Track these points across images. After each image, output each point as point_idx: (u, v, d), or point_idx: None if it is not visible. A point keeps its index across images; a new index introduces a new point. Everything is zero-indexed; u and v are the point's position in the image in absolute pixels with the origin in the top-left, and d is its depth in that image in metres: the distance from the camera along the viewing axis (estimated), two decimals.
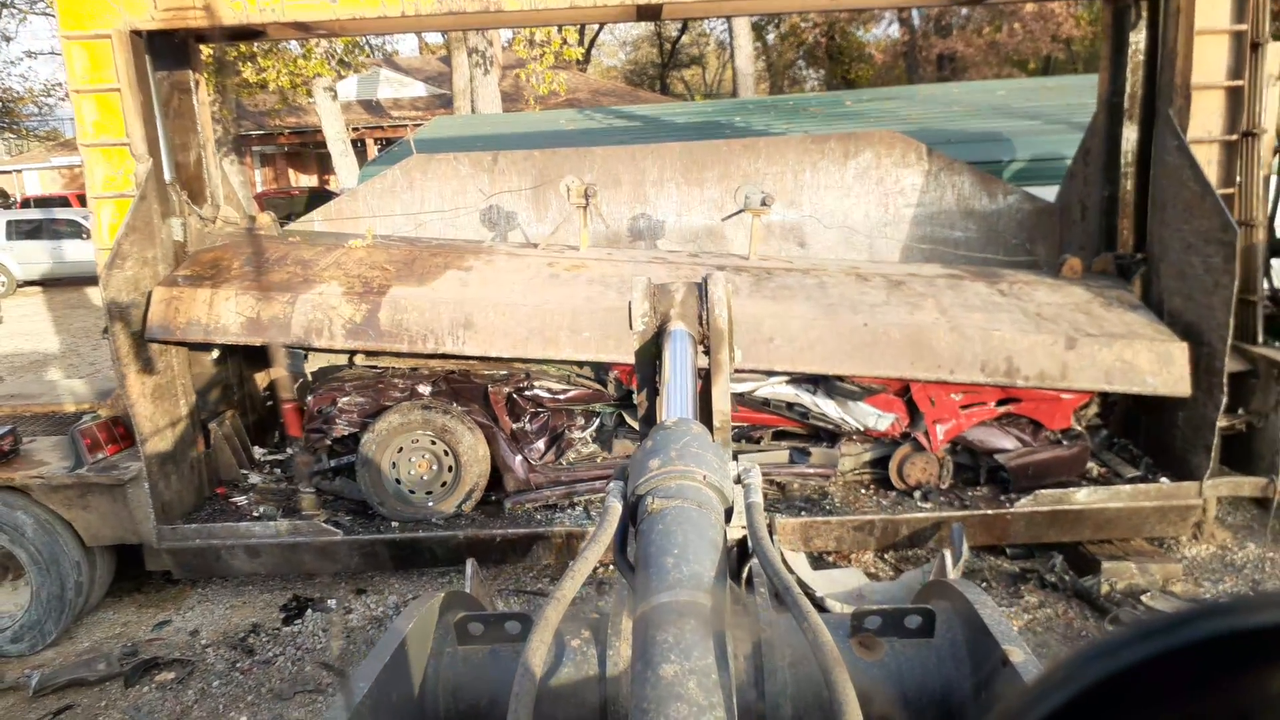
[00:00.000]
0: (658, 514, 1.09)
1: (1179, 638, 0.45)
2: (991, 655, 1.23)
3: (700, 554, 1.00)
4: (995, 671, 1.21)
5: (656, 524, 1.07)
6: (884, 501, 5.78)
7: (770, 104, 12.24)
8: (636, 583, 1.02)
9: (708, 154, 7.13)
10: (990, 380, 5.39)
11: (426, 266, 5.86)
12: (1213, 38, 5.60)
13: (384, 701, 1.19)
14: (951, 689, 1.27)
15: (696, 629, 0.88)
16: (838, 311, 5.49)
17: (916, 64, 24.85)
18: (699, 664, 0.83)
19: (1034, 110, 9.84)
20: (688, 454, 1.17)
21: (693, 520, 1.07)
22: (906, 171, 7.03)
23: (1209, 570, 5.65)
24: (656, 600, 0.92)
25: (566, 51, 14.59)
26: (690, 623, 0.88)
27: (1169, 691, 0.46)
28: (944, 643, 1.31)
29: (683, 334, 1.72)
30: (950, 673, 1.28)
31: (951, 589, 1.41)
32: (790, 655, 1.24)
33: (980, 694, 1.24)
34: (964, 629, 1.32)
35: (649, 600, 0.93)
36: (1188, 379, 5.34)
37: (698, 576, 0.96)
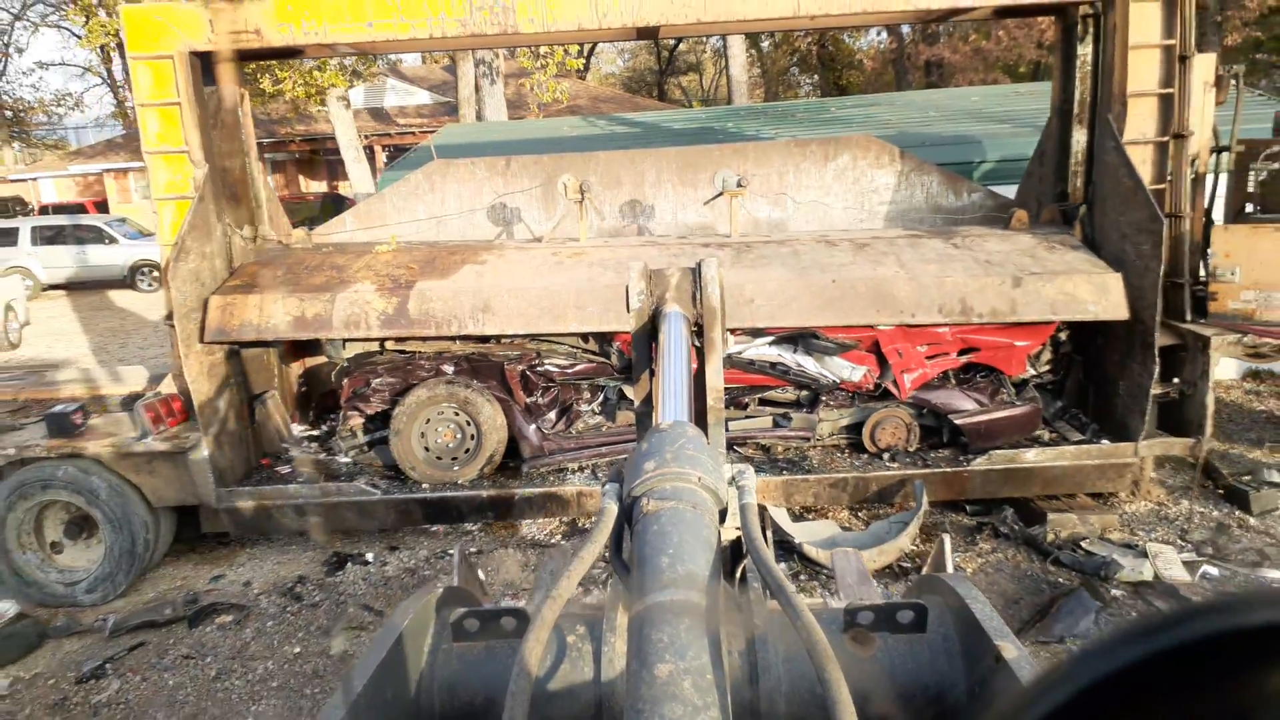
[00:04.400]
0: (653, 515, 1.11)
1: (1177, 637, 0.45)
2: (985, 651, 1.23)
3: (695, 554, 1.02)
4: (988, 668, 1.22)
5: (652, 525, 1.09)
6: (857, 462, 6.53)
7: (761, 110, 12.99)
8: (632, 583, 1.04)
9: (700, 158, 7.87)
10: (947, 319, 6.16)
11: (446, 263, 6.62)
12: (1146, 51, 6.35)
13: (379, 699, 1.21)
14: (945, 685, 1.28)
15: (691, 628, 0.90)
16: (809, 273, 6.26)
17: (905, 70, 25.64)
18: (694, 663, 0.85)
19: (1004, 115, 10.58)
20: (683, 456, 1.19)
21: (687, 521, 1.09)
22: (880, 172, 7.77)
23: (1144, 522, 6.38)
24: (652, 600, 0.94)
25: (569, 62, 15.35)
26: (685, 622, 0.90)
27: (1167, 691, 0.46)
28: (936, 638, 1.32)
29: (677, 315, 1.81)
30: (943, 668, 1.29)
31: (943, 584, 1.42)
32: (784, 651, 1.26)
33: (974, 691, 1.26)
34: (956, 624, 1.33)
35: (644, 600, 0.95)
36: (1124, 305, 6.10)
37: (692, 576, 0.98)
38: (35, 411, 7.38)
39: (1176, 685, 0.46)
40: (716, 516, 1.19)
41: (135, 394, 7.50)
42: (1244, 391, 9.00)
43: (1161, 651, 0.46)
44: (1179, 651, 0.46)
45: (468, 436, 6.57)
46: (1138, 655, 0.46)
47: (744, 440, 6.74)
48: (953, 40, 24.80)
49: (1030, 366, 6.78)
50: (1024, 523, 6.26)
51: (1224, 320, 6.32)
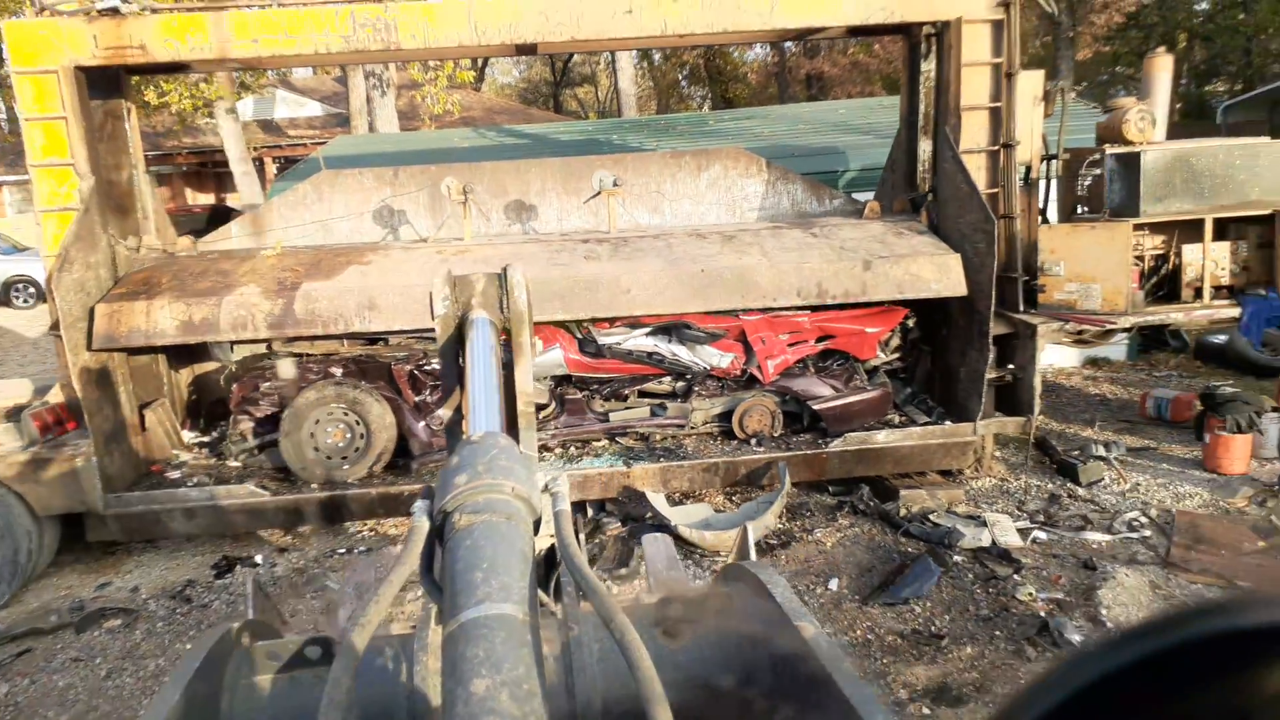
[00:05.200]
0: (465, 530, 1.10)
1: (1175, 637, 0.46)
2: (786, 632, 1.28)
3: (509, 566, 1.03)
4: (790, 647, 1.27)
5: (464, 540, 1.08)
6: (727, 448, 7.02)
7: (645, 123, 13.51)
8: (445, 600, 1.03)
9: (583, 168, 8.27)
10: (805, 302, 6.74)
11: (332, 265, 6.87)
12: (978, 69, 7.03)
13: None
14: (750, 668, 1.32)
15: (507, 641, 0.90)
16: (680, 263, 6.75)
17: (787, 84, 26.68)
18: (510, 675, 0.85)
19: (867, 126, 11.31)
20: (495, 467, 1.19)
21: (501, 533, 1.09)
22: (749, 181, 8.31)
23: (988, 496, 7.03)
24: (465, 616, 0.94)
25: (459, 75, 15.60)
26: (500, 635, 0.90)
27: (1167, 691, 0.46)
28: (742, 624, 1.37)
29: (484, 322, 1.79)
30: (748, 652, 1.33)
31: (746, 571, 1.47)
32: (598, 651, 1.27)
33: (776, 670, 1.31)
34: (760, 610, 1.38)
35: (457, 617, 0.95)
36: (963, 283, 6.78)
37: (507, 589, 0.98)
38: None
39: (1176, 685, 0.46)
40: (531, 527, 1.19)
41: (20, 406, 7.49)
42: (1083, 377, 9.87)
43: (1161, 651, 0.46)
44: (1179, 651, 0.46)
45: (357, 436, 6.81)
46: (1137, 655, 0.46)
47: (624, 430, 7.15)
48: (832, 54, 25.91)
49: (881, 352, 7.40)
50: (879, 499, 6.84)
51: (1051, 310, 7.03)
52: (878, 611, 5.49)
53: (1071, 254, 6.99)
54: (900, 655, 5.00)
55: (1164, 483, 6.95)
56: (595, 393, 7.18)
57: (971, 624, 5.28)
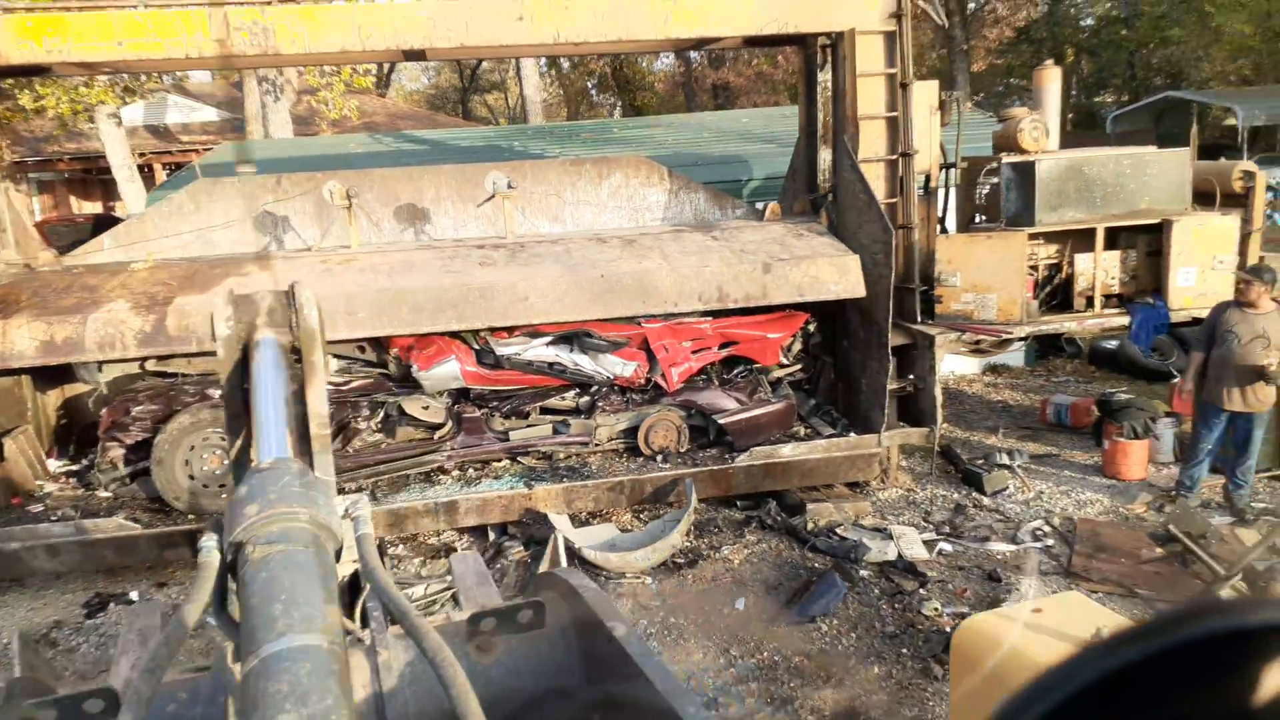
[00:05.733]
0: (260, 561, 1.06)
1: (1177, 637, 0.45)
2: (598, 634, 1.28)
3: (310, 596, 0.99)
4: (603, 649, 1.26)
5: (260, 572, 1.04)
6: (633, 465, 6.84)
7: (548, 130, 13.27)
8: (242, 636, 0.99)
9: (480, 175, 7.99)
10: (706, 306, 6.65)
11: (207, 277, 6.46)
12: (873, 79, 7.02)
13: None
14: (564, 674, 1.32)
15: (313, 673, 0.87)
16: (580, 269, 6.56)
17: (694, 93, 26.81)
18: (318, 708, 0.83)
19: (770, 135, 11.30)
20: (289, 494, 1.14)
21: (299, 562, 1.05)
22: (651, 190, 8.16)
23: (895, 507, 7.00)
24: (266, 650, 0.91)
25: (356, 80, 15.11)
26: (305, 667, 0.88)
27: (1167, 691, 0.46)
28: (554, 631, 1.36)
29: (271, 342, 1.72)
30: (561, 658, 1.34)
31: (557, 578, 1.47)
32: (410, 674, 1.25)
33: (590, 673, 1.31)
34: (571, 614, 1.38)
35: (257, 651, 0.91)
36: (862, 283, 6.77)
37: (309, 619, 0.95)
38: None
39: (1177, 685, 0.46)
40: (332, 554, 1.15)
41: None
42: (984, 384, 10.00)
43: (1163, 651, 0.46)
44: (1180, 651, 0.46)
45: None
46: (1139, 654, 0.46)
47: (525, 450, 6.91)
48: (738, 64, 26.11)
49: (784, 358, 7.33)
50: (787, 513, 6.74)
51: (948, 321, 7.05)
52: (784, 631, 5.37)
53: (968, 264, 7.02)
54: (808, 678, 4.88)
55: (1066, 490, 7.03)
56: (495, 410, 6.92)
57: (878, 641, 5.20)
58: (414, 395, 6.92)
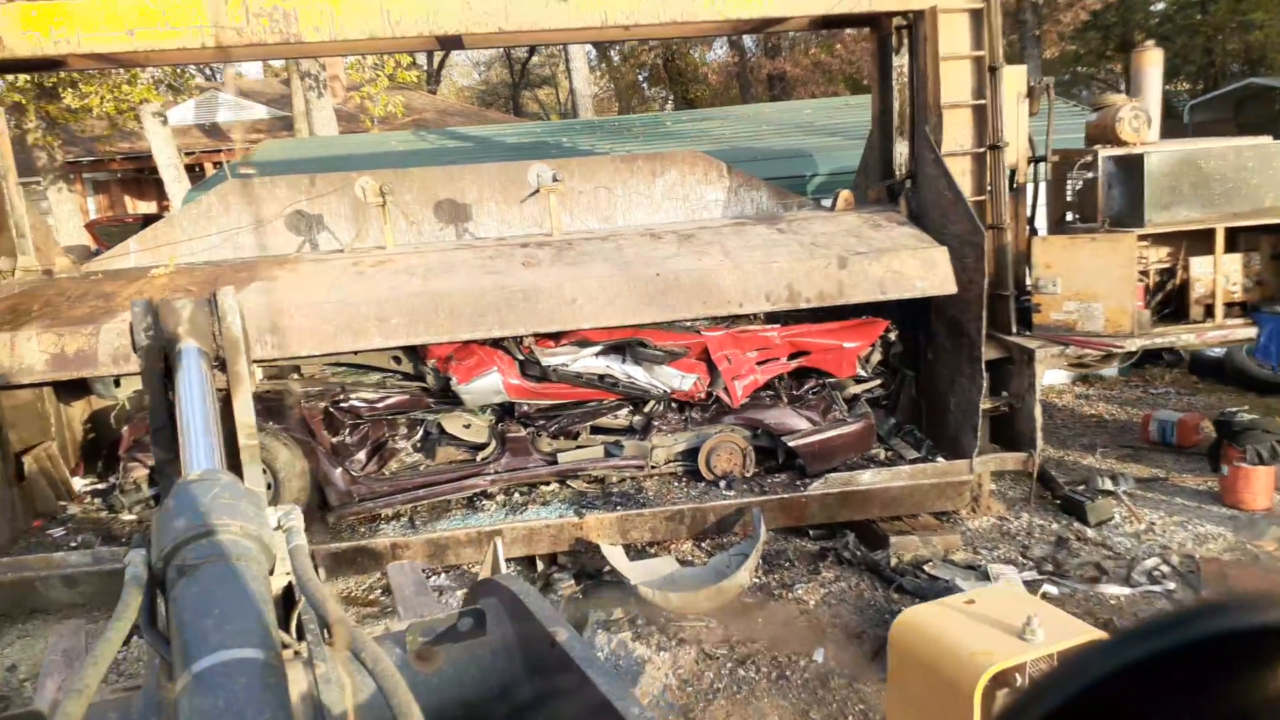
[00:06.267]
0: (191, 576, 1.04)
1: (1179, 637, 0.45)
2: (540, 640, 1.29)
3: (244, 610, 0.98)
4: (544, 654, 1.27)
5: (191, 587, 1.02)
6: (694, 491, 6.20)
7: (598, 125, 12.69)
8: (174, 653, 0.97)
9: (524, 173, 7.43)
10: (775, 306, 5.93)
11: (231, 282, 5.94)
12: (957, 63, 6.30)
13: None
14: (507, 681, 1.32)
15: (250, 686, 0.86)
16: (633, 267, 5.93)
17: (749, 84, 25.96)
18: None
19: (835, 127, 10.59)
20: (218, 507, 1.12)
21: (232, 576, 1.04)
22: (709, 187, 7.52)
23: (987, 539, 6.28)
24: (200, 665, 0.89)
25: (400, 74, 14.68)
26: (241, 681, 0.87)
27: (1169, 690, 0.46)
28: (496, 638, 1.36)
29: (193, 351, 1.69)
30: (503, 665, 1.34)
31: (498, 585, 1.47)
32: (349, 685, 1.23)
33: (534, 678, 1.31)
34: (513, 621, 1.38)
35: (190, 667, 0.89)
36: (951, 279, 5.99)
37: (244, 632, 0.94)
38: None
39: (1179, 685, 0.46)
40: (265, 566, 1.12)
41: None
42: (1074, 396, 9.19)
43: (1164, 651, 0.45)
44: (1181, 651, 0.45)
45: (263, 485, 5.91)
46: (1141, 654, 0.46)
47: (575, 473, 6.31)
48: (794, 54, 25.24)
49: (861, 370, 6.63)
50: (867, 546, 6.06)
51: (1048, 332, 6.30)
52: (873, 691, 4.72)
53: (1069, 269, 6.26)
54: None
55: (1181, 521, 6.24)
56: (541, 429, 6.33)
57: None
58: (454, 412, 6.37)
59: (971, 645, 3.03)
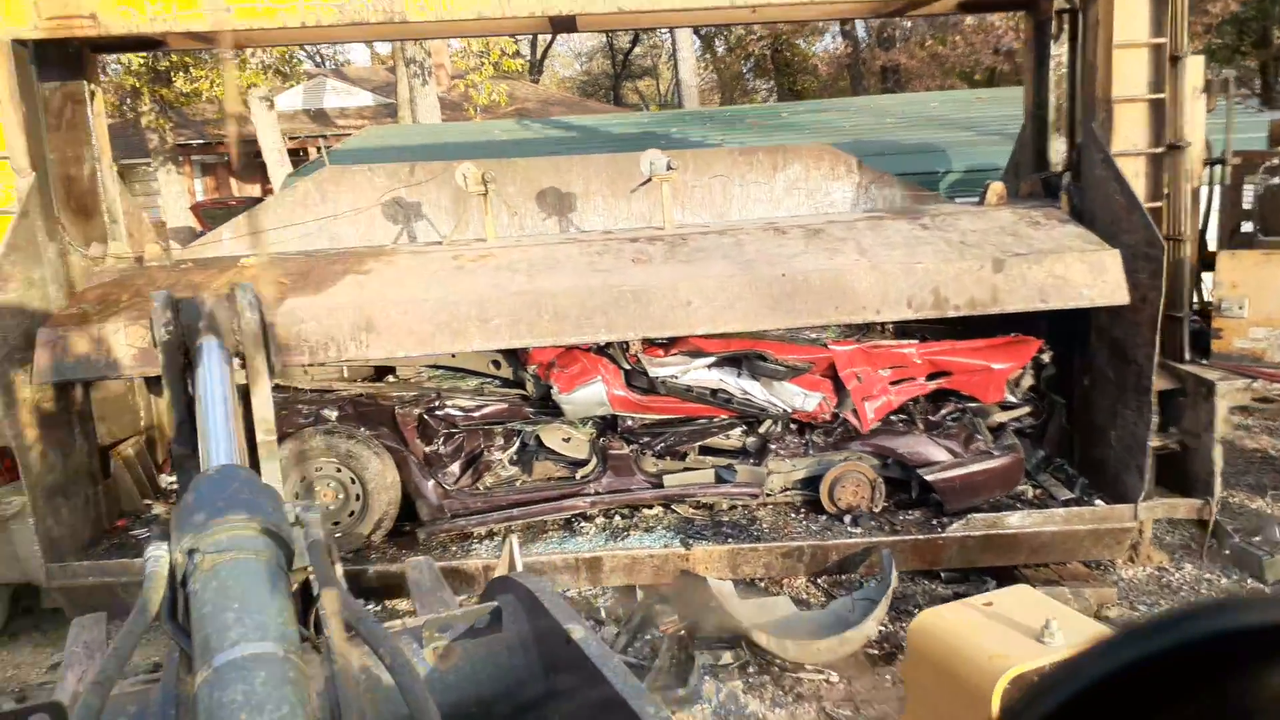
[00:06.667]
0: (211, 571, 1.04)
1: (1179, 636, 0.45)
2: (556, 635, 1.28)
3: (263, 603, 0.98)
4: (561, 650, 1.26)
5: (210, 581, 1.02)
6: (814, 526, 5.60)
7: (709, 115, 12.12)
8: (195, 646, 0.98)
9: (634, 166, 6.91)
10: (918, 314, 5.26)
11: (324, 275, 5.57)
12: (1132, 51, 5.52)
13: None
14: (523, 676, 1.32)
15: (267, 681, 0.86)
16: (755, 266, 5.32)
17: (861, 76, 24.92)
18: (273, 717, 0.81)
19: (968, 121, 9.79)
20: (237, 502, 1.12)
21: (251, 571, 1.04)
22: (836, 184, 6.89)
23: (1144, 592, 5.53)
24: (220, 659, 0.89)
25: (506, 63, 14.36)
26: (260, 676, 0.86)
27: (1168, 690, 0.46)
28: (512, 634, 1.37)
29: (214, 346, 1.68)
30: (519, 661, 1.34)
31: (514, 582, 1.44)
32: (366, 681, 1.24)
33: (549, 674, 1.31)
34: (529, 617, 1.38)
35: (211, 661, 0.90)
36: (1124, 287, 5.21)
37: (264, 627, 0.94)
38: None
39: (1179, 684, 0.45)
40: (283, 561, 1.11)
41: None
42: (1233, 426, 8.24)
43: (1164, 651, 0.45)
44: (1181, 651, 0.45)
45: (352, 497, 5.54)
46: (1140, 654, 0.45)
47: (681, 498, 5.78)
48: (909, 45, 24.17)
49: (1010, 395, 5.91)
50: None
51: (1228, 361, 5.49)
52: None
53: (1260, 289, 5.43)
54: None
55: None
56: (646, 447, 5.81)
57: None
58: (554, 424, 5.90)
59: (990, 647, 2.98)
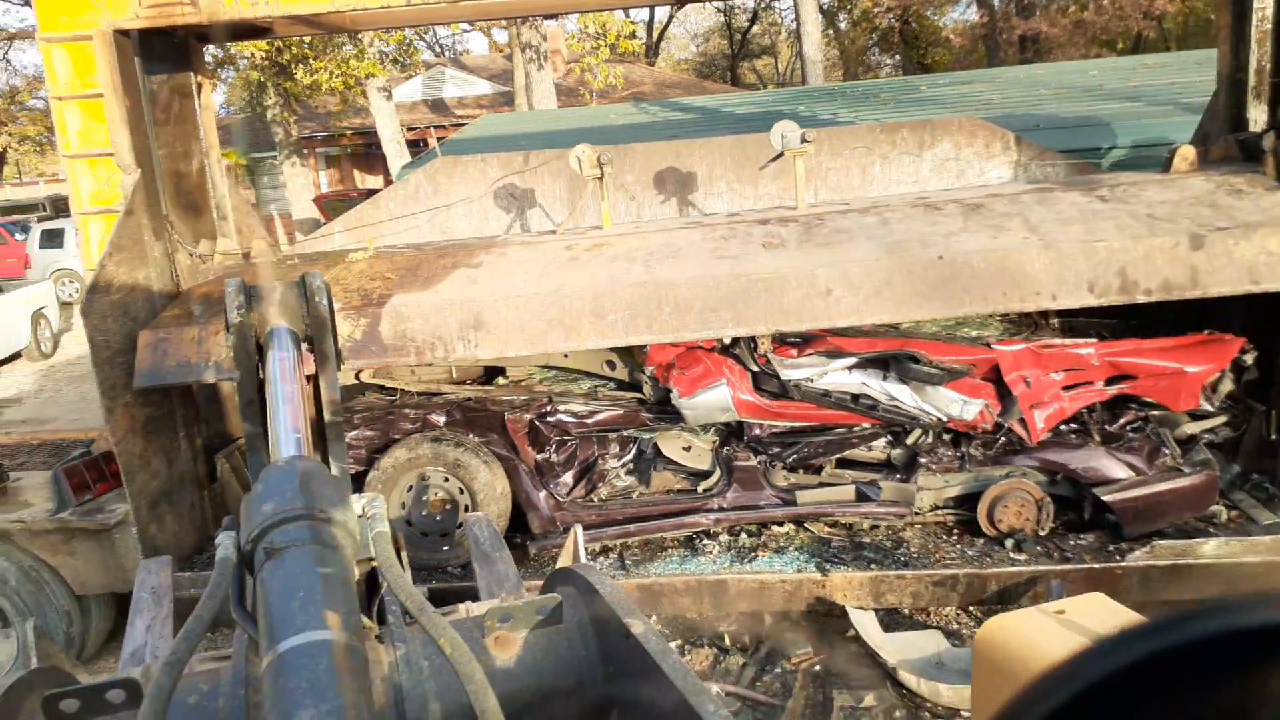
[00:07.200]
0: (277, 560, 1.03)
1: (1179, 636, 0.45)
2: (617, 631, 1.28)
3: (328, 593, 0.97)
4: (621, 646, 1.26)
5: (277, 570, 1.01)
6: (969, 550, 4.95)
7: (838, 91, 11.37)
8: (261, 633, 0.97)
9: (763, 148, 6.33)
10: (1101, 300, 4.55)
11: (432, 269, 5.20)
12: None
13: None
14: (582, 669, 1.33)
15: (330, 669, 0.85)
16: (906, 248, 4.69)
17: (997, 46, 23.38)
18: (336, 704, 0.81)
19: (1133, 91, 8.79)
20: (305, 493, 1.11)
21: (317, 560, 1.03)
22: (991, 163, 6.16)
23: None
24: (285, 645, 0.89)
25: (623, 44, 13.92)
26: (323, 663, 0.86)
27: (1169, 690, 0.45)
28: (572, 627, 1.36)
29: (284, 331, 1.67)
30: (579, 654, 1.34)
31: (574, 574, 1.44)
32: (428, 668, 1.23)
33: (609, 670, 1.31)
34: (589, 610, 1.37)
35: (276, 647, 0.89)
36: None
37: (327, 615, 0.93)
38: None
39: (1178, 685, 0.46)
40: (348, 551, 1.09)
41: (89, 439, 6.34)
42: None
43: (1164, 651, 0.45)
44: (1181, 651, 0.45)
45: (461, 507, 5.19)
46: (1140, 654, 0.45)
47: (816, 516, 5.21)
48: (1050, 13, 22.58)
49: (1204, 402, 5.11)
50: None
51: None
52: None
53: None
54: None
55: None
56: (775, 458, 5.26)
57: None
58: (673, 430, 5.41)
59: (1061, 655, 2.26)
